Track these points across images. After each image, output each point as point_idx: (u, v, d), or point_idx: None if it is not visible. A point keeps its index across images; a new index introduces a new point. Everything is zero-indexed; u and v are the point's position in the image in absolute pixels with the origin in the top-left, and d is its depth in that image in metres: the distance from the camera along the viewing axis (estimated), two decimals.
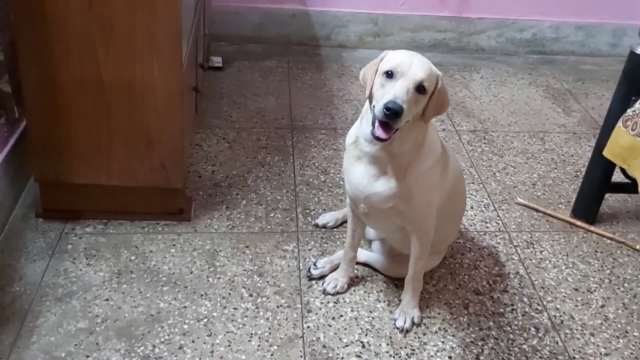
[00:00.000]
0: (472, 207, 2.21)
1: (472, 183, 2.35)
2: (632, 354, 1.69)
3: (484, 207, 2.22)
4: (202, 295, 1.73)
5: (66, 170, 1.86)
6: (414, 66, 1.40)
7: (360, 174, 1.56)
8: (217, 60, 3.01)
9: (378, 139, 1.41)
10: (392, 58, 1.44)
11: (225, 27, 3.19)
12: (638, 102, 1.91)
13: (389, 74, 1.41)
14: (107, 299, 1.69)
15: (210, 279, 1.79)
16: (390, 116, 1.36)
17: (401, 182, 1.52)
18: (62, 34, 1.64)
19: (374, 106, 1.43)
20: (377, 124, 1.40)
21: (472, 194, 2.28)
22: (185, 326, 1.63)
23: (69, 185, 1.89)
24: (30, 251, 1.82)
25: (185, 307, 1.69)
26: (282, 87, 2.92)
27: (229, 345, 1.59)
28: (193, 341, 1.59)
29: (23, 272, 1.75)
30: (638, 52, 1.91)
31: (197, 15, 2.21)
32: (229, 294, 1.75)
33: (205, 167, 2.28)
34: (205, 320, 1.66)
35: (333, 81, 3.01)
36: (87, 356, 1.53)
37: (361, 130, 1.53)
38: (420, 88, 1.40)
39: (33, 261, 1.79)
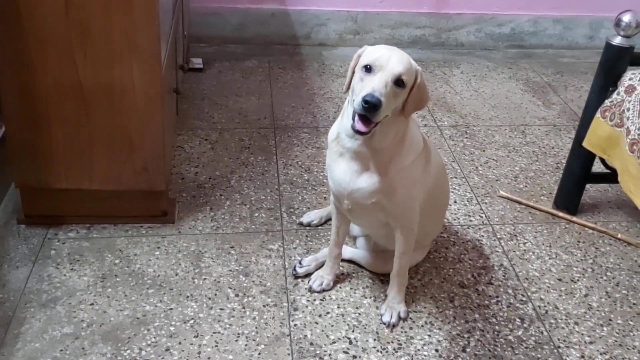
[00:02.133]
0: (455, 202, 2.22)
1: (455, 177, 2.36)
2: (616, 341, 1.71)
3: (467, 201, 2.24)
4: (187, 296, 1.73)
5: (47, 175, 1.84)
6: (392, 60, 1.41)
7: (343, 170, 1.56)
8: (197, 62, 3.00)
9: (358, 132, 1.42)
10: (371, 52, 1.44)
11: (204, 28, 3.18)
12: (615, 93, 1.94)
13: (368, 68, 1.41)
14: (92, 304, 1.68)
15: (195, 280, 1.79)
16: (369, 109, 1.36)
17: (383, 177, 1.53)
18: (38, 38, 1.63)
19: (354, 100, 1.43)
20: (356, 117, 1.41)
21: (455, 189, 2.29)
22: (172, 328, 1.63)
23: (50, 190, 1.88)
24: (12, 258, 1.81)
25: (171, 309, 1.69)
26: (264, 87, 2.91)
27: (216, 346, 1.59)
28: (180, 343, 1.59)
29: (6, 279, 1.73)
30: (614, 43, 1.93)
31: (175, 17, 2.20)
32: (215, 294, 1.75)
33: (188, 169, 2.27)
34: (192, 321, 1.65)
35: (314, 80, 3.02)
36: None
37: (342, 125, 1.53)
38: (398, 82, 1.41)
39: (16, 268, 1.77)
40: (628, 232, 2.14)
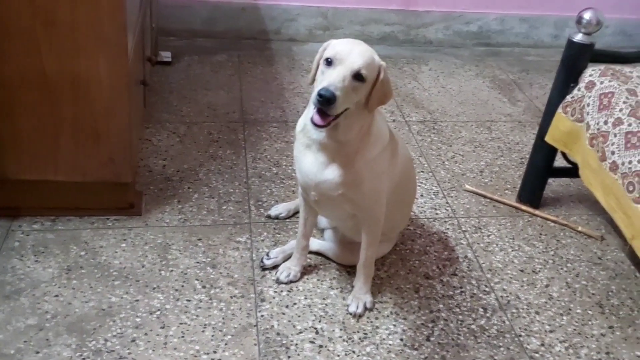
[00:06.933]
0: (422, 195, 2.25)
1: (422, 172, 2.39)
2: (575, 329, 1.75)
3: (434, 194, 2.27)
4: (154, 288, 1.73)
5: (11, 166, 1.82)
6: (352, 54, 1.42)
7: (310, 162, 1.57)
8: (166, 55, 2.98)
9: (315, 125, 1.43)
10: (334, 46, 1.46)
11: (174, 22, 3.16)
12: (576, 89, 1.98)
13: (329, 62, 1.43)
14: (56, 295, 1.67)
15: (162, 272, 1.78)
16: (323, 103, 1.38)
17: (349, 169, 1.55)
18: (2, 27, 1.61)
19: None
20: (314, 110, 1.43)
21: (422, 182, 2.32)
22: (138, 319, 1.63)
23: (14, 181, 1.85)
24: None
25: (137, 300, 1.68)
26: (233, 81, 2.91)
27: (182, 337, 1.59)
28: (146, 334, 1.59)
29: None
30: (575, 40, 1.98)
31: (142, 8, 2.19)
32: (182, 286, 1.74)
33: (156, 162, 2.26)
34: (158, 312, 1.65)
35: (284, 75, 3.02)
36: (37, 352, 1.51)
37: (308, 117, 1.54)
38: (358, 76, 1.42)
39: None
40: (588, 225, 2.19)
